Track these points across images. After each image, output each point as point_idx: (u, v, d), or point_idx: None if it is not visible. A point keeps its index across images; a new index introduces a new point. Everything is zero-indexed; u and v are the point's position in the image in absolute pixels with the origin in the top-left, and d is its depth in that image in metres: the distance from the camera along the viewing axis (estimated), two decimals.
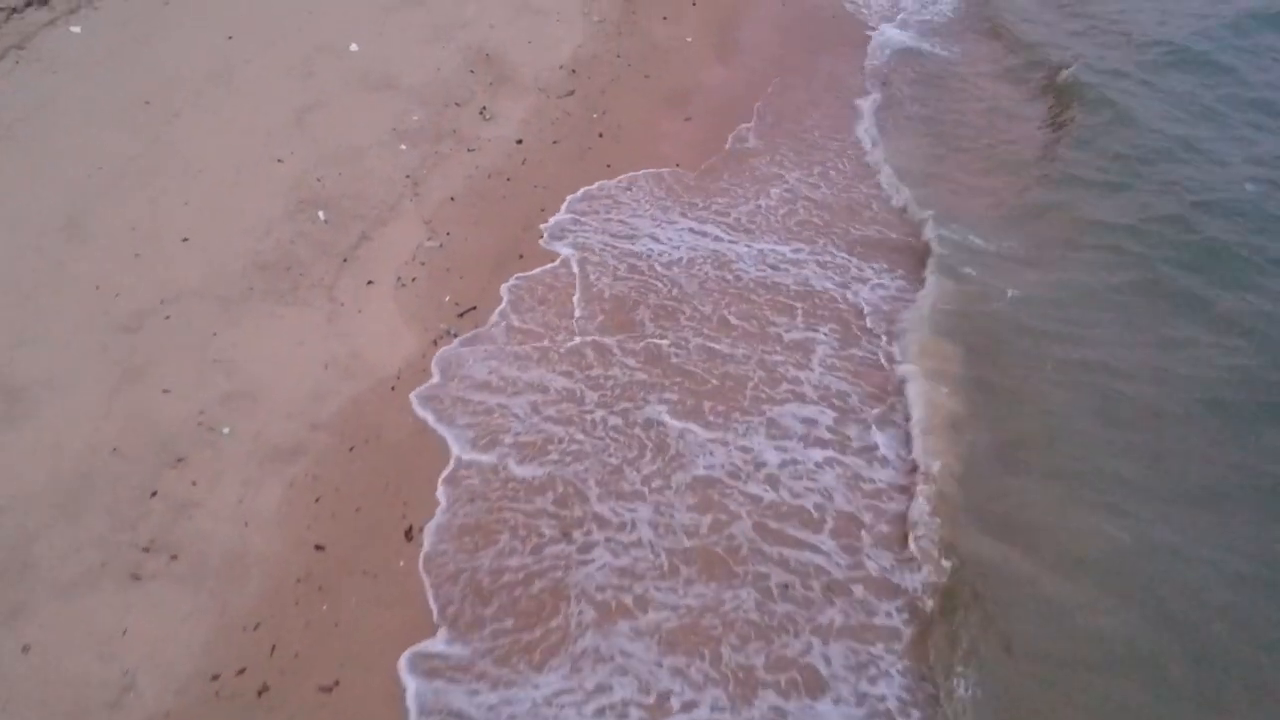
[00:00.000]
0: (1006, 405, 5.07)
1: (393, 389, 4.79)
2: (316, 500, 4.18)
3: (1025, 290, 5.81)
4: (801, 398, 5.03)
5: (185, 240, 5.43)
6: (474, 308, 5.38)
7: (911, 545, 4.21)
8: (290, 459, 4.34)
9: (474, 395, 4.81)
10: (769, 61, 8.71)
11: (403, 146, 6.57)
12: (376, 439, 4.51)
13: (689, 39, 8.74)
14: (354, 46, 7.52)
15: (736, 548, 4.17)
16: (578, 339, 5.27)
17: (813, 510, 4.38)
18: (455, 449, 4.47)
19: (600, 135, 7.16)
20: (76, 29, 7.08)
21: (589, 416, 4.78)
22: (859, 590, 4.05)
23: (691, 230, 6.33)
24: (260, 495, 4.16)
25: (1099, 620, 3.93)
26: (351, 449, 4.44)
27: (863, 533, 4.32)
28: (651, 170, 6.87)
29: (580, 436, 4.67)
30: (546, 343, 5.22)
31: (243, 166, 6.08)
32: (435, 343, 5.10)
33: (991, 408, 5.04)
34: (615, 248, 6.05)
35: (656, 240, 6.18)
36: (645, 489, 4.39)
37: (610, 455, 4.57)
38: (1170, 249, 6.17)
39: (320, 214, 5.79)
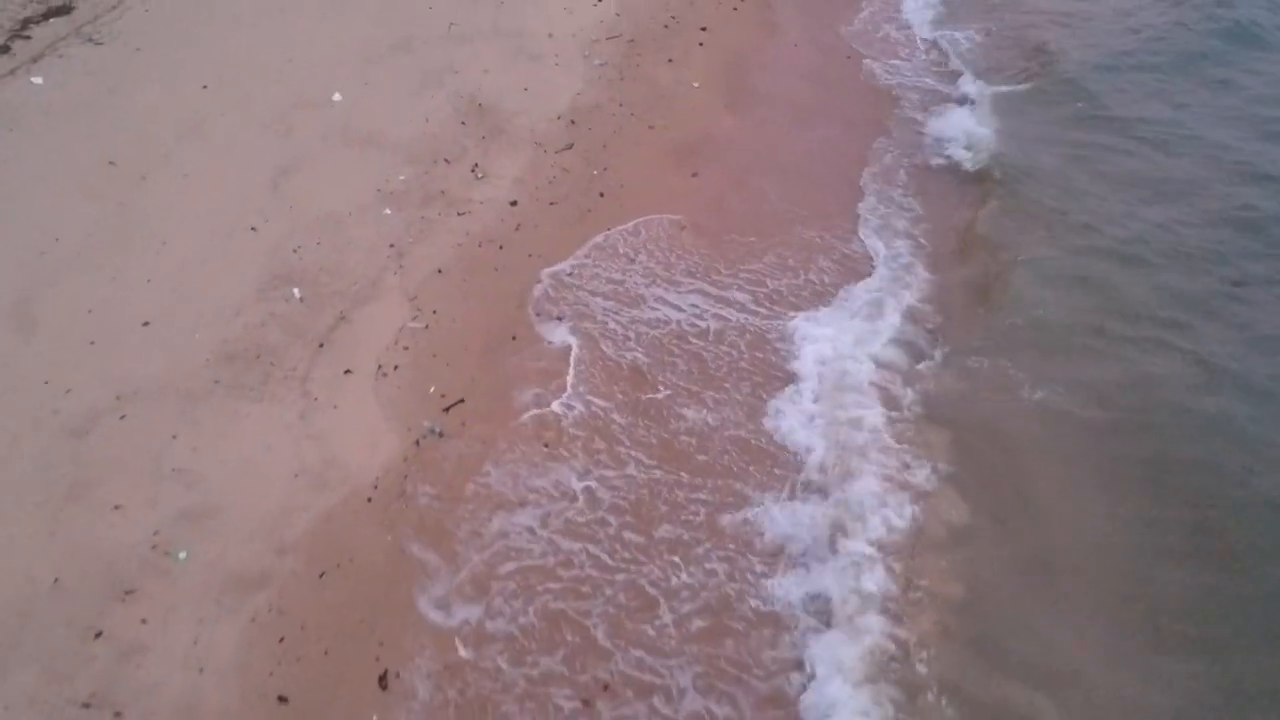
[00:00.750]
0: (1020, 512, 4.78)
1: (369, 500, 4.51)
2: (280, 640, 3.88)
3: (1039, 378, 5.55)
4: None
5: (146, 325, 5.17)
6: (461, 400, 5.11)
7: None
8: (253, 589, 4.05)
9: (466, 510, 4.52)
10: (780, 108, 8.50)
11: (387, 211, 6.33)
12: (350, 563, 4.22)
13: (696, 84, 8.53)
14: (336, 97, 7.30)
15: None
16: (593, 434, 4.99)
17: None
18: (430, 607, 4.10)
19: (601, 195, 6.92)
20: (38, 79, 6.87)
21: (607, 531, 4.49)
22: None
23: (705, 295, 6.09)
24: (218, 634, 3.87)
25: None
26: (321, 575, 4.15)
27: None
28: (659, 228, 6.61)
29: (608, 560, 4.36)
30: (551, 439, 4.93)
31: (213, 236, 5.83)
32: (418, 444, 4.83)
33: (1001, 514, 4.74)
34: (621, 314, 5.80)
35: (678, 309, 5.94)
36: (687, 632, 4.06)
37: (647, 585, 4.26)
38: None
39: (295, 291, 5.54)
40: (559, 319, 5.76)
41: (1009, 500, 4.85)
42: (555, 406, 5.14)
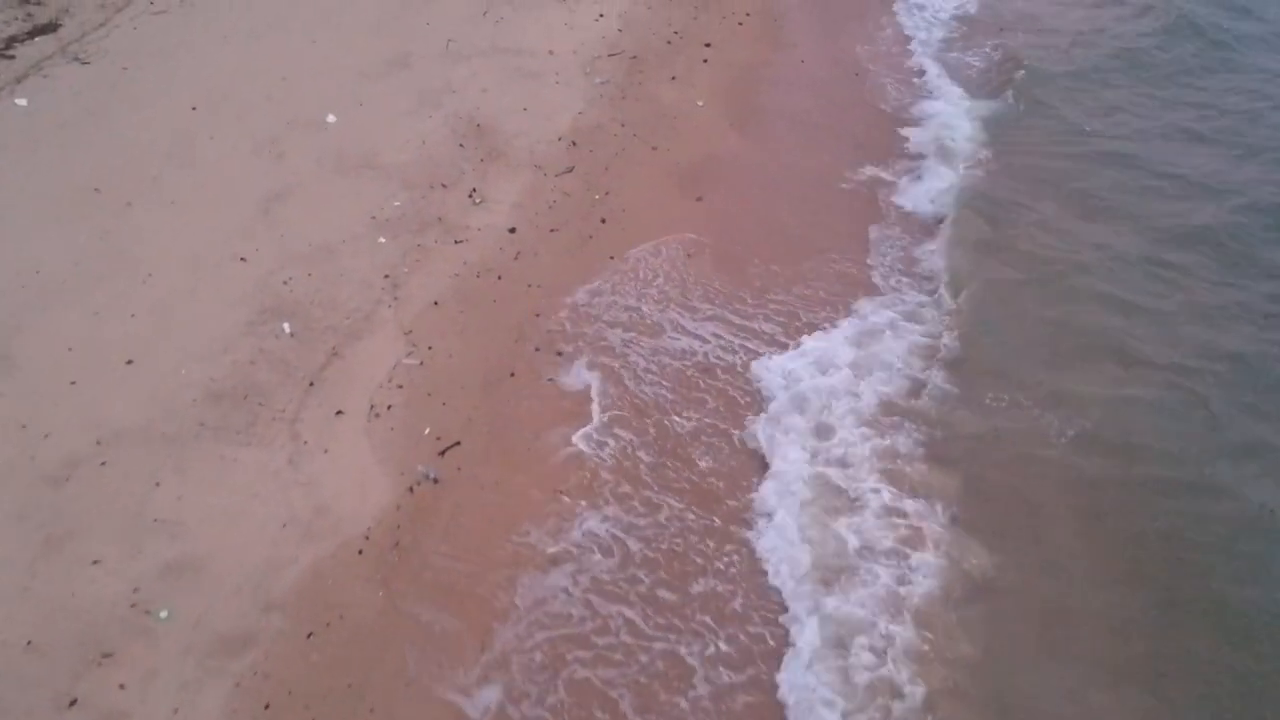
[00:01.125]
0: (1036, 564, 4.64)
1: (360, 552, 4.36)
2: (266, 708, 3.74)
3: (1058, 416, 5.42)
4: None
5: (129, 363, 5.04)
6: (458, 443, 4.97)
7: None
8: (237, 651, 3.91)
9: (464, 564, 4.38)
10: (787, 128, 8.38)
11: (382, 239, 6.20)
12: (339, 621, 4.08)
13: (700, 102, 8.42)
14: (331, 118, 7.19)
15: None
16: (606, 476, 4.86)
17: None
18: (433, 680, 3.91)
19: (603, 221, 6.79)
20: (22, 101, 6.75)
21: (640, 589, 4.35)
22: None
23: (725, 322, 6.02)
24: (200, 701, 3.73)
25: None
26: (310, 636, 4.01)
27: None
28: (664, 255, 6.47)
29: (643, 628, 4.17)
30: (559, 483, 4.80)
31: (200, 267, 5.71)
32: (412, 490, 4.69)
33: (1016, 565, 4.60)
34: (626, 345, 5.69)
35: (697, 338, 5.87)
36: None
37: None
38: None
39: (285, 326, 5.41)
40: (559, 353, 5.63)
41: (1024, 550, 4.70)
42: (562, 448, 5.00)
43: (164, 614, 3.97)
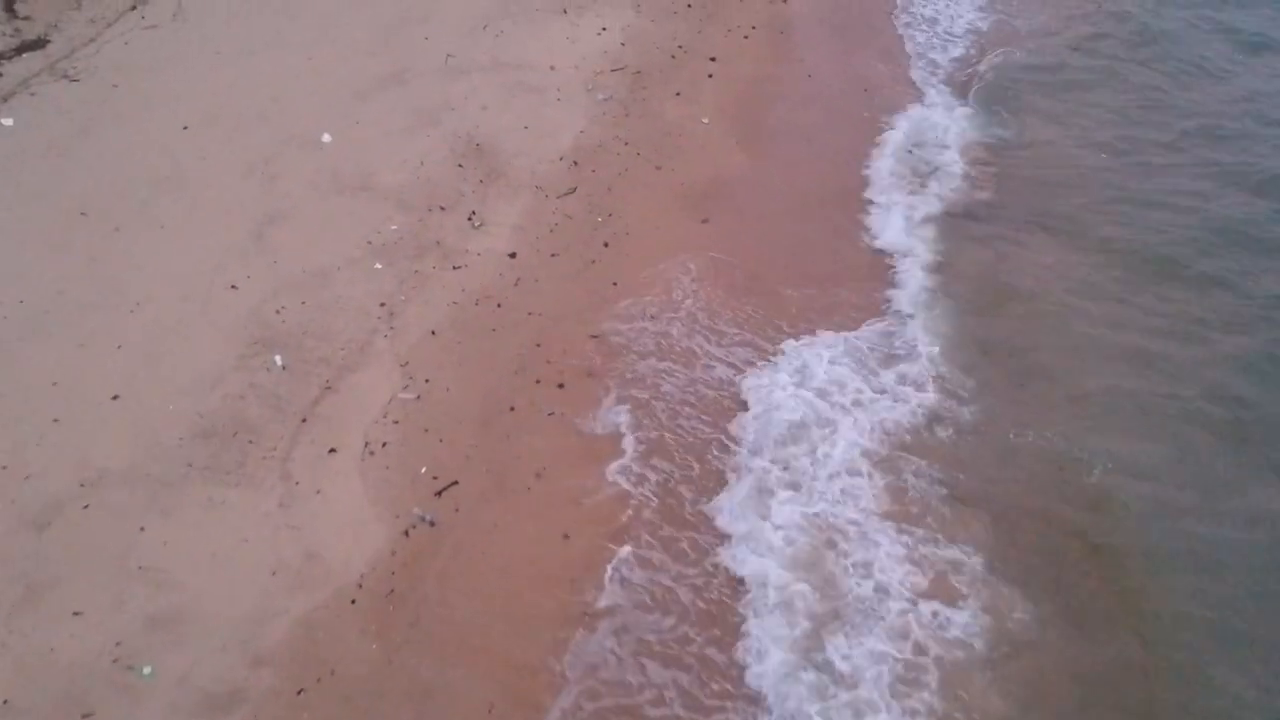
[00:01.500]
0: (1064, 613, 4.53)
1: (353, 602, 4.25)
2: None
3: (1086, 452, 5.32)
4: None
5: (115, 399, 4.93)
6: (455, 483, 4.86)
7: None
8: (224, 710, 3.79)
9: (462, 616, 4.25)
10: (795, 145, 8.26)
11: (378, 265, 6.09)
12: (331, 677, 3.96)
13: (705, 120, 8.31)
14: (326, 137, 7.09)
15: None
16: (613, 512, 4.75)
17: None
18: None
19: (605, 245, 6.68)
20: (8, 121, 6.65)
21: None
22: None
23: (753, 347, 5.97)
24: None
25: None
26: (300, 693, 3.89)
27: None
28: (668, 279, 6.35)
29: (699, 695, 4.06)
30: (567, 526, 4.69)
31: (190, 295, 5.60)
32: (407, 534, 4.57)
33: (1046, 615, 4.49)
34: (627, 376, 5.58)
35: (691, 365, 5.78)
36: None
37: None
38: None
39: (277, 358, 5.30)
40: (561, 386, 5.52)
41: (1052, 598, 4.58)
42: (565, 487, 4.89)
43: (147, 670, 3.85)
